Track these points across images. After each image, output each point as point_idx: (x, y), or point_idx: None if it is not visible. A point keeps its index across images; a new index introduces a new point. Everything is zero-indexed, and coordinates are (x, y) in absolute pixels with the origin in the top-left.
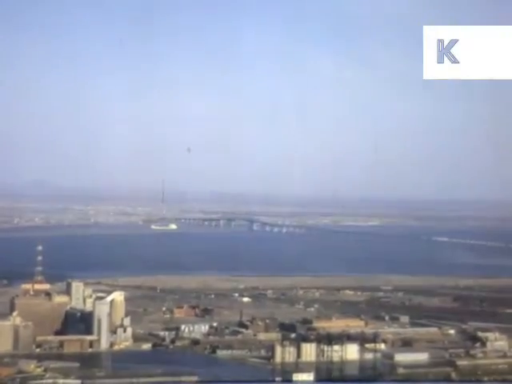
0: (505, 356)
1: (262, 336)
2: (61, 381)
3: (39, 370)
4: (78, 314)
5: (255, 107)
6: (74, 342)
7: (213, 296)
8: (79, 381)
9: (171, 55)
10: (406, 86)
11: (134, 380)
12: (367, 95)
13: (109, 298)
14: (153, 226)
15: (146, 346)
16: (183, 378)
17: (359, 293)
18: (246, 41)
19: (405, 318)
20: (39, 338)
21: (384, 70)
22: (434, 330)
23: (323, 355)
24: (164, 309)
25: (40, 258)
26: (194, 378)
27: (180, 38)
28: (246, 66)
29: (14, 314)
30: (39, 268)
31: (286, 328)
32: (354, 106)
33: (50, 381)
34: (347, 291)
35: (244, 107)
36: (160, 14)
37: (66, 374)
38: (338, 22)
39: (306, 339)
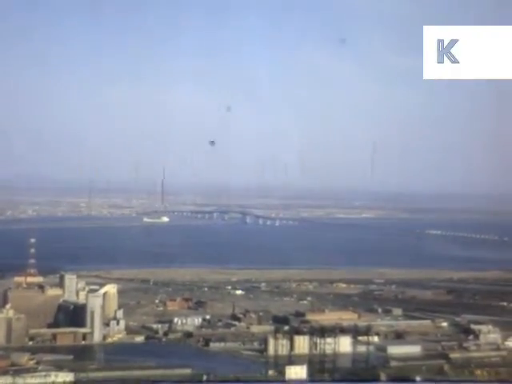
0: (498, 349)
1: (254, 329)
2: (54, 373)
3: (32, 363)
4: (71, 307)
5: (250, 100)
6: (67, 335)
7: (206, 289)
8: (72, 373)
9: (168, 49)
10: (406, 86)
11: (127, 372)
12: (365, 92)
13: (102, 291)
14: (145, 219)
15: (139, 339)
16: (176, 371)
17: (352, 285)
18: (243, 34)
19: (398, 311)
20: (32, 331)
21: (383, 69)
22: (426, 322)
23: (316, 348)
24: (157, 301)
25: (33, 250)
26: (187, 371)
27: (175, 32)
28: (242, 58)
29: (7, 306)
30: (32, 260)
31: (278, 321)
32: (351, 102)
33: (43, 373)
34: (340, 284)
35: (238, 100)
36: (155, 9)
37: (59, 366)
38: (337, 21)
39: (298, 332)
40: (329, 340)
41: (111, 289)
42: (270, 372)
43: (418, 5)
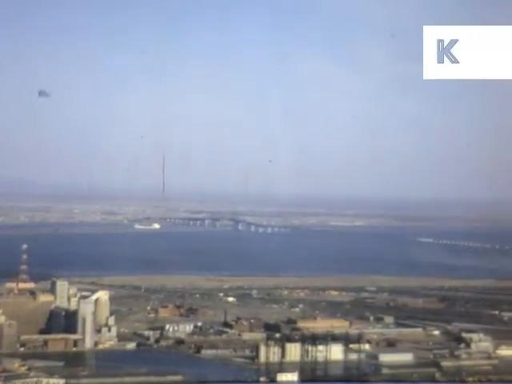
0: (489, 357)
1: (246, 336)
2: (45, 380)
3: (23, 369)
4: (63, 313)
5: (242, 106)
6: (58, 341)
7: (198, 295)
8: (63, 380)
9: (168, 54)
10: (405, 86)
11: (118, 379)
12: (363, 94)
13: (93, 297)
14: (136, 226)
15: (131, 346)
16: (167, 378)
17: (344, 293)
18: (241, 40)
19: (389, 319)
20: (23, 337)
21: (383, 70)
22: (418, 330)
23: (307, 355)
24: (149, 308)
25: (25, 256)
26: (179, 378)
27: (170, 37)
28: (236, 65)
29: None
30: (24, 266)
31: (270, 328)
32: (346, 107)
33: (34, 380)
34: (332, 291)
35: (231, 106)
36: (148, 10)
37: (50, 372)
38: (336, 21)
39: (290, 339)
40: (320, 347)
41: (103, 295)
42: (262, 379)
43: (417, 5)
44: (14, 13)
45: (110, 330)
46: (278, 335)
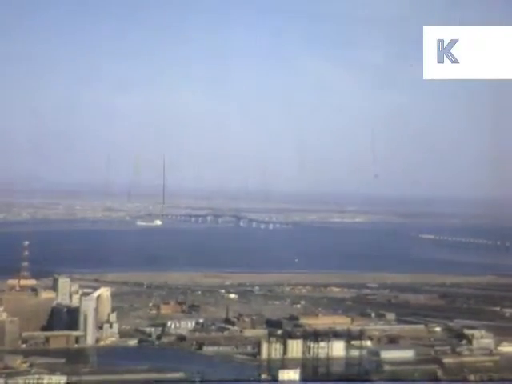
0: (490, 354)
1: (248, 332)
2: (46, 376)
3: (25, 366)
4: (65, 310)
5: (243, 104)
6: (60, 338)
7: (199, 292)
8: (65, 376)
9: (168, 56)
10: (406, 86)
11: (120, 376)
12: (363, 94)
13: (95, 294)
14: (138, 222)
15: (132, 342)
16: (169, 375)
17: (346, 290)
18: (243, 41)
19: (391, 315)
20: (25, 334)
21: (383, 70)
22: (420, 327)
23: (309, 352)
24: (150, 305)
25: (26, 253)
26: (180, 375)
27: (171, 36)
28: (236, 64)
29: (0, 309)
30: (25, 263)
31: (272, 324)
32: (346, 105)
33: (36, 376)
34: (334, 288)
35: (232, 104)
36: (149, 12)
37: (51, 369)
38: (336, 21)
39: (292, 336)
40: (322, 344)
41: (105, 292)
42: (263, 376)
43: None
44: (14, 14)
45: (111, 327)
46: (279, 332)
